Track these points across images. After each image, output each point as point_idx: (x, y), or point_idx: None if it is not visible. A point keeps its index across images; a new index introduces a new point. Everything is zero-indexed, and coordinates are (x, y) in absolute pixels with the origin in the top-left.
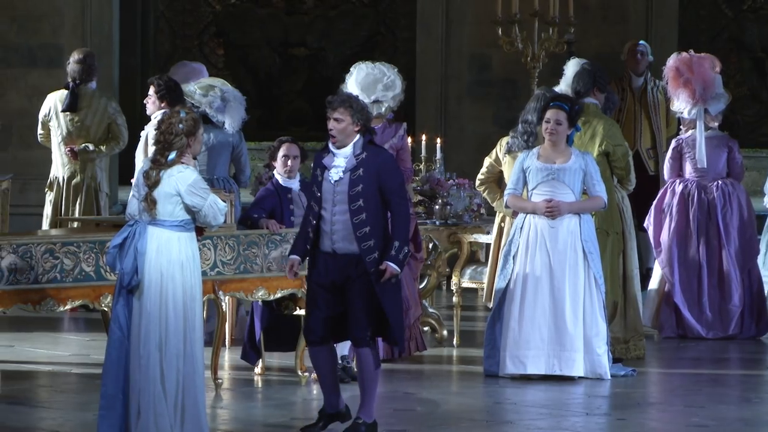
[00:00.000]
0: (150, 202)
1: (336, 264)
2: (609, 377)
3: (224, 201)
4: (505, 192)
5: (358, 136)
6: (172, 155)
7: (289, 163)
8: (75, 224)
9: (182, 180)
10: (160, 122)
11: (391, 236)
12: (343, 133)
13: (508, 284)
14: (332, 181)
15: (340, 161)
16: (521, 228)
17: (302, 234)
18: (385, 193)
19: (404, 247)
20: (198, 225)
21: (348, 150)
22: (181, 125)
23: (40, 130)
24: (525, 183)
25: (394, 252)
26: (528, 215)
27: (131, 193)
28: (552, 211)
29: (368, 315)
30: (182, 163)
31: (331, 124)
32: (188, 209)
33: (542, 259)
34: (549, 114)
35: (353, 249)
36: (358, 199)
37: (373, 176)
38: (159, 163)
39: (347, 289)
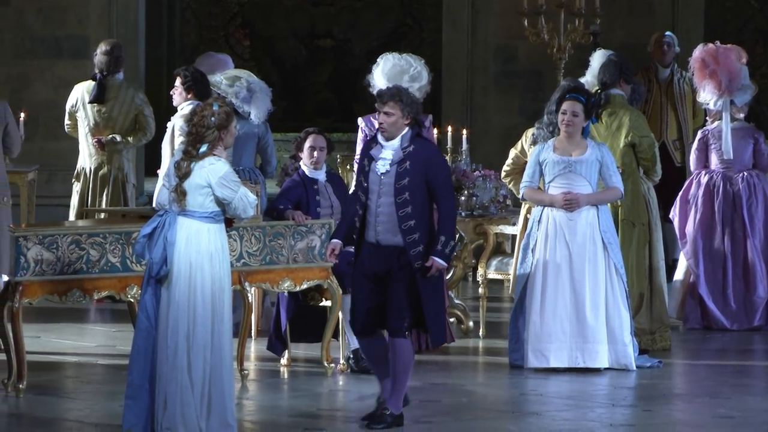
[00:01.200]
0: (180, 193)
1: (379, 255)
2: (635, 368)
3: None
4: (521, 185)
5: (407, 128)
6: (204, 148)
7: (315, 154)
8: (102, 215)
9: (213, 172)
10: (193, 114)
11: (438, 231)
12: (394, 126)
13: (528, 277)
14: (379, 173)
15: (387, 153)
16: (539, 221)
17: (346, 219)
18: (432, 187)
19: (450, 242)
20: (227, 217)
21: (396, 142)
22: (213, 118)
23: (67, 121)
24: (541, 175)
25: (440, 246)
26: (546, 208)
27: (161, 183)
28: (570, 203)
29: (407, 306)
30: (214, 155)
31: (382, 118)
32: (218, 201)
33: (561, 252)
34: (565, 105)
35: (397, 241)
36: (404, 192)
37: (420, 169)
38: (190, 154)
39: (389, 280)
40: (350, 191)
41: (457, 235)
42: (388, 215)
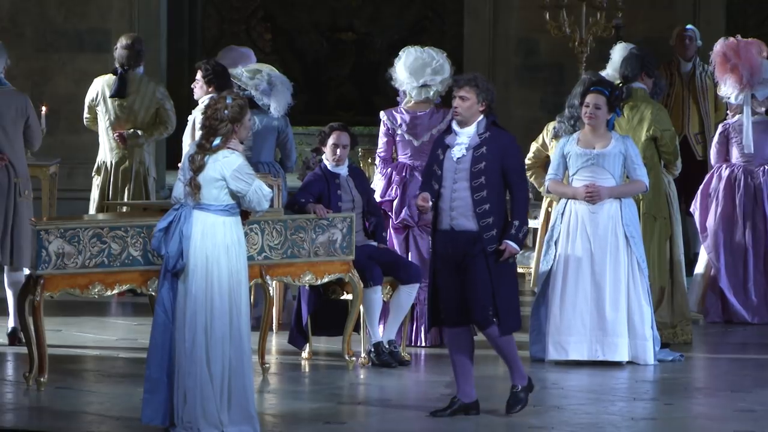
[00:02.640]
0: (194, 187)
1: (453, 241)
2: (653, 362)
3: (271, 186)
4: (546, 177)
5: (481, 116)
6: (217, 141)
7: (338, 152)
8: (124, 208)
9: (227, 165)
10: (207, 107)
11: (511, 215)
12: (468, 111)
13: (550, 270)
14: (454, 159)
15: (463, 139)
16: (562, 213)
17: (426, 181)
18: (506, 173)
19: (524, 227)
20: (243, 209)
21: (472, 129)
22: (226, 111)
23: (86, 114)
24: (566, 168)
25: (513, 231)
26: (569, 201)
27: (177, 177)
28: (592, 195)
29: (488, 295)
30: (228, 148)
31: (456, 102)
32: (233, 194)
33: (583, 245)
34: (588, 98)
35: (471, 226)
36: (480, 177)
37: (496, 156)
38: (204, 148)
39: (465, 268)
40: (372, 184)
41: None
42: (464, 200)
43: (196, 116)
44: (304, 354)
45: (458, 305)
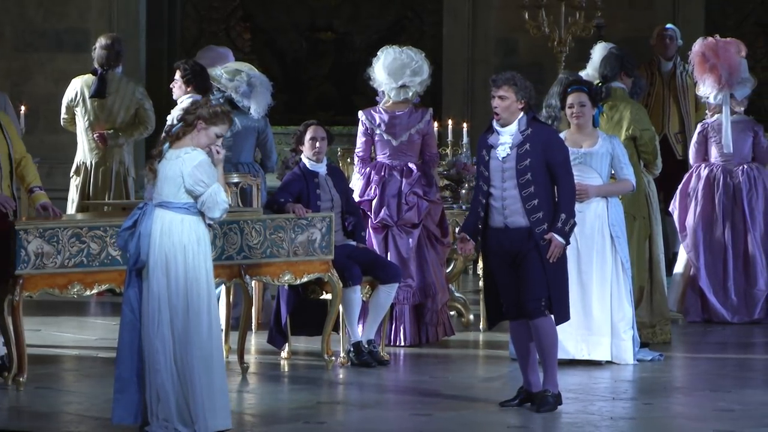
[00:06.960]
0: (151, 171)
1: (508, 237)
2: (633, 362)
3: (249, 185)
4: None
5: (521, 113)
6: (177, 127)
7: (317, 145)
8: (105, 208)
9: (189, 161)
10: (193, 102)
11: (558, 209)
12: (508, 110)
13: None
14: (500, 158)
15: (506, 138)
16: None
17: (473, 212)
18: (551, 167)
19: (570, 220)
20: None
21: (513, 127)
22: (203, 109)
23: (64, 114)
24: None
25: (560, 224)
26: None
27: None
28: (580, 195)
29: (542, 286)
30: (196, 147)
31: (496, 102)
32: (189, 192)
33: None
34: (571, 99)
35: (524, 222)
36: (526, 174)
37: (540, 151)
38: (167, 133)
39: (520, 262)
40: (350, 184)
41: (458, 229)
42: (514, 198)
43: (174, 116)
44: (284, 354)
45: (516, 299)
